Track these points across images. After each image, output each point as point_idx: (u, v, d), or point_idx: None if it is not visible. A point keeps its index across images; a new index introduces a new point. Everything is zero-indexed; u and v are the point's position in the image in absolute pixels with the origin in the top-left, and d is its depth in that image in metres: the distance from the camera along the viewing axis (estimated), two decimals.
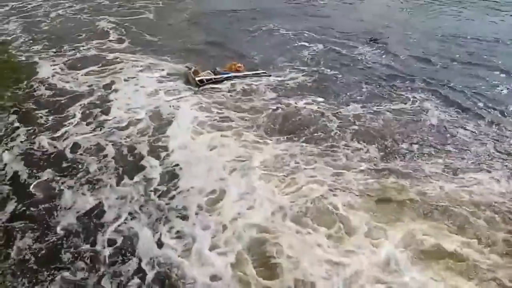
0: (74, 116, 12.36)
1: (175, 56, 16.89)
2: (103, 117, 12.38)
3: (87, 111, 12.68)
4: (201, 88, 13.76)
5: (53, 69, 15.62)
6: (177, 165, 10.10)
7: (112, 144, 10.93)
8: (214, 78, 14.12)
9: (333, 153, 10.83)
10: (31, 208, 8.53)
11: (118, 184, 9.40)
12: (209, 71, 14.51)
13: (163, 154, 10.55)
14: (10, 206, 8.58)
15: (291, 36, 19.14)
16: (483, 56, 16.59)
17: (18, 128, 11.56)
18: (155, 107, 12.83)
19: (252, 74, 14.48)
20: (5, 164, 9.99)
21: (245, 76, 14.35)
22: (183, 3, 25.22)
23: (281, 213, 8.60)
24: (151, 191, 9.17)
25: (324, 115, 12.59)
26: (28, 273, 7.10)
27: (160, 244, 7.73)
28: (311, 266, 7.36)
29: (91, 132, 11.58)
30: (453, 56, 16.58)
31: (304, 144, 11.27)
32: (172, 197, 9.02)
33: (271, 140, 11.35)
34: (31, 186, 9.20)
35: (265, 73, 14.63)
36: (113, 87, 14.31)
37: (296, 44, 18.12)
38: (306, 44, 18.08)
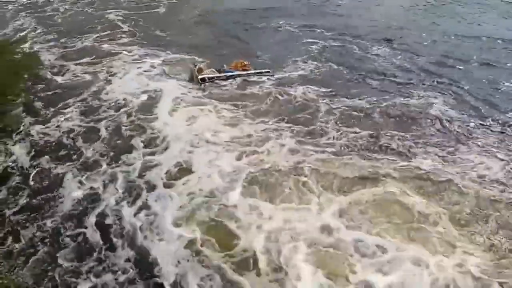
0: (73, 105, 13.57)
1: (183, 51, 17.67)
2: (102, 102, 13.81)
3: (90, 99, 14.00)
4: (202, 85, 14.66)
5: (60, 63, 16.78)
6: (161, 142, 11.61)
7: (105, 128, 12.39)
8: (216, 77, 14.96)
9: (312, 133, 12.16)
10: (33, 200, 9.50)
11: (107, 165, 10.72)
12: (213, 69, 15.31)
13: (149, 134, 12.08)
14: (16, 198, 9.57)
15: (301, 34, 19.65)
16: (497, 57, 16.89)
17: (24, 119, 12.64)
18: (153, 94, 14.21)
19: (255, 73, 15.27)
20: (15, 156, 11.05)
21: (248, 75, 15.15)
22: (196, 1, 25.83)
23: (237, 181, 9.93)
24: (132, 170, 10.53)
25: (319, 102, 13.68)
26: (33, 260, 8.00)
27: (130, 222, 8.86)
28: (259, 231, 8.54)
29: (88, 118, 12.90)
30: (466, 56, 16.89)
31: (284, 124, 12.62)
32: (147, 172, 10.39)
33: (251, 118, 12.83)
34: (34, 177, 10.23)
35: (268, 72, 15.36)
36: (115, 76, 15.65)
37: (306, 41, 18.65)
38: (317, 41, 18.62)
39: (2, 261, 7.86)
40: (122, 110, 13.25)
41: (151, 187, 9.84)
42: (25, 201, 9.39)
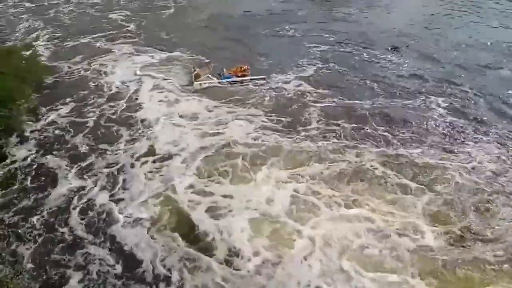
0: (76, 105, 14.90)
1: (185, 53, 18.90)
2: (102, 98, 15.36)
3: (95, 98, 15.41)
4: (197, 90, 15.88)
5: (64, 64, 18.08)
6: (143, 128, 13.40)
7: (99, 121, 13.93)
8: (211, 82, 16.14)
9: (291, 122, 13.54)
10: (29, 200, 10.59)
11: (96, 157, 12.15)
12: (209, 75, 16.48)
13: (135, 123, 13.70)
14: (14, 201, 10.59)
15: (307, 39, 20.50)
16: (506, 64, 17.40)
17: (28, 121, 13.73)
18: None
19: (250, 79, 16.29)
20: (16, 158, 12.14)
21: (242, 82, 16.18)
22: (204, 4, 26.96)
23: (195, 161, 11.55)
24: (113, 159, 12.02)
25: (311, 99, 14.86)
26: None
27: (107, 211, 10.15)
28: (208, 209, 9.94)
29: (89, 116, 14.26)
30: (475, 63, 17.44)
31: (263, 114, 14.05)
32: (124, 159, 11.93)
33: (224, 104, 14.60)
34: (33, 177, 11.33)
35: (263, 78, 16.31)
36: (116, 74, 17.21)
37: (312, 46, 19.55)
38: (322, 46, 19.53)
39: (8, 267, 8.78)
40: (119, 104, 14.92)
41: (125, 173, 11.37)
42: (22, 203, 10.48)
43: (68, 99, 15.16)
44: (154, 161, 11.68)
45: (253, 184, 10.55)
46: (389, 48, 19.22)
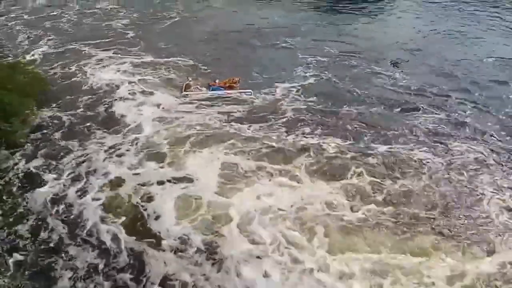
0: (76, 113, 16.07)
1: (180, 62, 20.16)
2: (100, 99, 16.97)
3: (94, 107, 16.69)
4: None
5: (61, 73, 19.42)
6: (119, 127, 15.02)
7: (84, 125, 15.23)
8: (198, 93, 17.30)
9: (263, 117, 15.09)
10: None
11: (77, 157, 13.48)
12: (198, 86, 17.68)
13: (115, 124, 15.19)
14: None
15: (307, 52, 21.41)
16: (502, 79, 17.95)
17: (22, 133, 14.45)
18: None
19: (235, 92, 17.34)
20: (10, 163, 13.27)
21: (228, 95, 17.18)
22: (208, 16, 28.24)
23: (149, 142, 13.75)
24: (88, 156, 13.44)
25: (289, 100, 16.30)
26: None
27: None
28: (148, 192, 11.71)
29: (78, 117, 15.69)
30: (475, 78, 18.04)
31: (229, 105, 16.02)
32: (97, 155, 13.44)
33: (202, 103, 16.29)
34: (20, 183, 12.38)
35: (250, 92, 17.24)
36: (103, 77, 18.74)
37: (310, 58, 20.42)
38: (321, 58, 20.44)
39: (9, 280, 9.50)
40: (105, 107, 16.59)
41: (94, 167, 12.97)
42: (13, 215, 11.39)
43: (64, 107, 16.37)
44: (118, 151, 13.60)
45: (197, 166, 12.52)
46: (389, 63, 19.93)
